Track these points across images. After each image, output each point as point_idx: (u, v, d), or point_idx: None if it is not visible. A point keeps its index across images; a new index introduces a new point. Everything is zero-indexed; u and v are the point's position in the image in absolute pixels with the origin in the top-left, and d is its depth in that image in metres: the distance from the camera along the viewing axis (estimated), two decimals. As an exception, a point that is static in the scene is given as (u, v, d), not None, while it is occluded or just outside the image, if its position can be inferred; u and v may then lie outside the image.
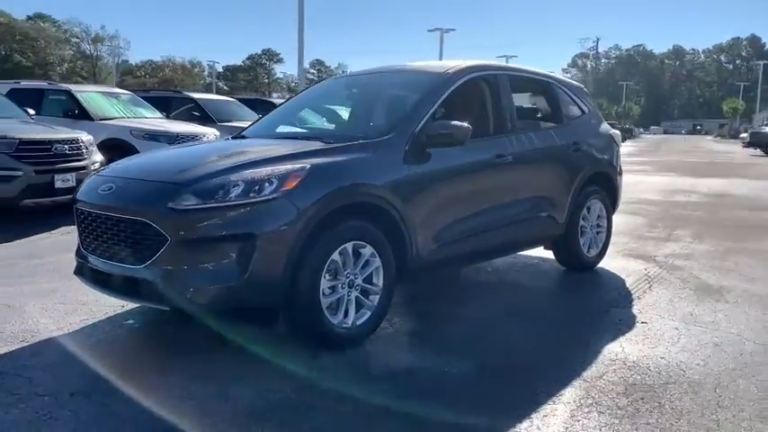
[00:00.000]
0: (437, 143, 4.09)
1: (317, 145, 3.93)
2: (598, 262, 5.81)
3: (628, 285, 5.23)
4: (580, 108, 5.72)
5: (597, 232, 5.76)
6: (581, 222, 5.50)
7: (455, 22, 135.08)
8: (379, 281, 3.83)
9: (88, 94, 10.61)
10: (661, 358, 3.60)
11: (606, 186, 5.81)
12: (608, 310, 4.56)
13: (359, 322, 3.74)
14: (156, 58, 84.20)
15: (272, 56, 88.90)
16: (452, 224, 4.26)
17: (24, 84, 11.39)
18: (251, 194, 3.30)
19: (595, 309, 4.63)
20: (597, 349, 3.72)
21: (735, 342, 3.89)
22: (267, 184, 3.34)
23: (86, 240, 3.73)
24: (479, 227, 4.45)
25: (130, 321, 4.16)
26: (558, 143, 5.23)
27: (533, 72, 5.50)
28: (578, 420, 2.85)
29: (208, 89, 67.43)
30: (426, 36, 76.85)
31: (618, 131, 6.23)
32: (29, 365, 3.40)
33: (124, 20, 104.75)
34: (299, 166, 3.49)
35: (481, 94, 4.79)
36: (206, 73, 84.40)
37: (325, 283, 3.53)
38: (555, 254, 5.62)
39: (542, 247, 5.58)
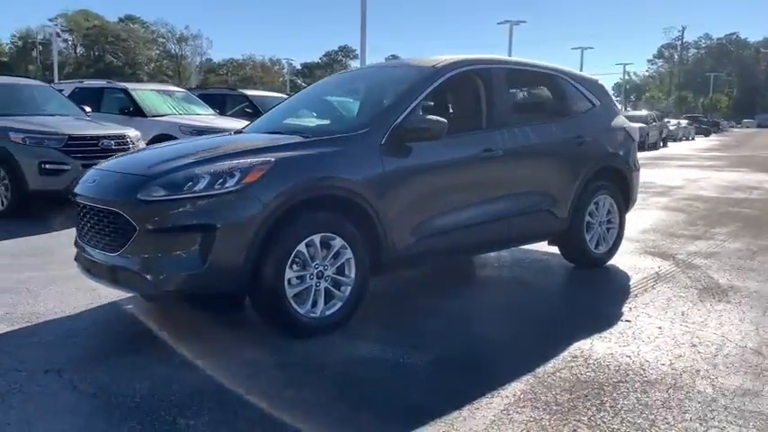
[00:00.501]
0: (415, 137, 4.14)
1: (294, 139, 4.06)
2: (608, 259, 5.68)
3: (631, 283, 5.11)
4: (590, 101, 5.60)
5: (607, 228, 5.63)
6: (587, 218, 5.40)
7: (528, 14, 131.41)
8: (350, 272, 3.92)
9: (144, 93, 11.17)
10: (626, 356, 3.54)
11: (618, 182, 5.67)
12: (596, 307, 4.49)
13: (328, 312, 3.85)
14: (237, 57, 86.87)
15: (348, 52, 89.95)
16: (433, 218, 4.30)
17: (87, 83, 12.13)
18: (215, 187, 3.47)
19: (583, 306, 4.57)
20: (565, 346, 3.69)
21: (715, 343, 3.76)
22: (229, 177, 3.50)
23: (79, 229, 4.01)
24: (464, 221, 4.46)
25: (130, 306, 4.41)
26: (559, 137, 5.16)
27: (535, 65, 5.43)
28: (508, 414, 2.86)
29: (285, 86, 69.11)
30: (498, 30, 75.66)
31: (635, 126, 6.06)
32: (22, 344, 3.70)
33: (207, 20, 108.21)
34: (262, 159, 3.63)
35: (472, 88, 4.79)
36: (285, 70, 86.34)
37: (290, 273, 3.66)
38: (560, 250, 5.54)
39: (546, 243, 5.51)
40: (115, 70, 69.06)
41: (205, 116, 11.43)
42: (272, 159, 3.65)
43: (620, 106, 5.97)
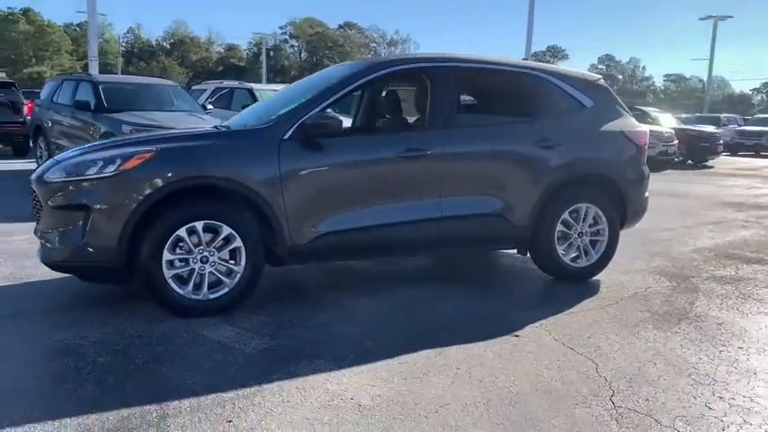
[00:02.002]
0: (315, 134, 4.24)
1: (211, 131, 4.41)
2: (593, 273, 5.20)
3: (586, 300, 4.66)
4: (578, 102, 5.15)
5: (592, 241, 5.15)
6: (559, 227, 5.00)
7: (732, 8, 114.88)
8: (241, 261, 4.14)
9: (264, 92, 12.18)
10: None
11: (608, 190, 5.16)
12: (505, 319, 4.19)
13: (212, 296, 4.11)
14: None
15: (556, 52, 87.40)
16: (339, 215, 4.34)
17: (225, 83, 13.51)
18: (98, 172, 3.91)
19: (493, 313, 4.29)
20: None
21: (540, 364, 3.39)
22: (111, 164, 3.92)
23: None
24: (376, 221, 4.43)
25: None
26: (517, 140, 4.85)
27: (500, 63, 5.08)
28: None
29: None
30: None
31: (642, 129, 5.41)
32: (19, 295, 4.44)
33: (416, 25, 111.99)
34: (145, 149, 4.00)
35: (407, 88, 4.71)
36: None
37: (170, 255, 3.98)
38: (533, 259, 5.19)
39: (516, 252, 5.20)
40: (332, 73, 74.29)
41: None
42: (155, 149, 4.01)
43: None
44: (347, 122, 4.94)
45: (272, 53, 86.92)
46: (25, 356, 3.44)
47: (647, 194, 5.45)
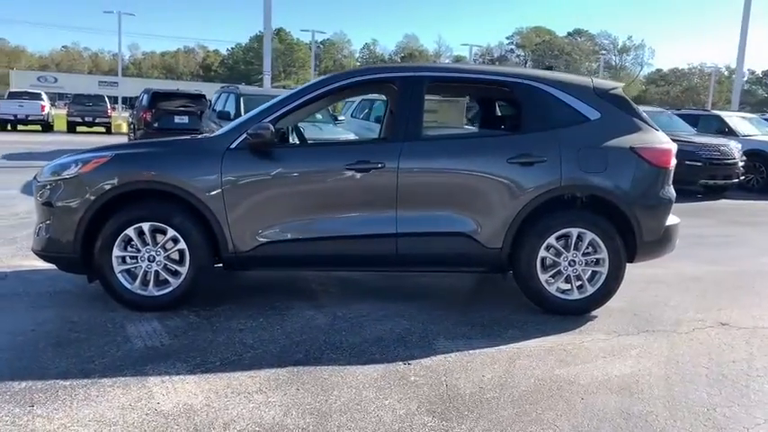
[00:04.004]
0: (255, 144, 4.32)
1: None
2: (587, 308, 4.55)
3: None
4: (578, 113, 4.54)
5: (590, 271, 4.52)
6: (542, 253, 4.47)
7: None
8: (185, 262, 4.38)
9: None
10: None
11: (610, 215, 4.49)
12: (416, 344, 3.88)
13: (158, 293, 4.39)
14: (682, 66, 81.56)
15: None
16: (281, 225, 4.36)
17: (370, 96, 13.90)
18: (64, 174, 4.40)
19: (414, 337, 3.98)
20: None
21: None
22: (75, 166, 4.39)
23: None
24: (323, 233, 4.37)
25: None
26: (490, 154, 4.42)
27: (478, 72, 4.65)
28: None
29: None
30: None
31: (661, 146, 4.56)
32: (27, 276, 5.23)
33: (649, 30, 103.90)
34: (102, 154, 4.41)
35: (370, 98, 4.55)
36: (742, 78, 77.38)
37: (119, 252, 4.34)
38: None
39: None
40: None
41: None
42: (111, 154, 4.40)
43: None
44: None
45: (497, 63, 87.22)
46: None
47: (671, 222, 4.63)
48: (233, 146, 4.39)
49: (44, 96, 28.50)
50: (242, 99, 11.14)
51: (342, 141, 4.65)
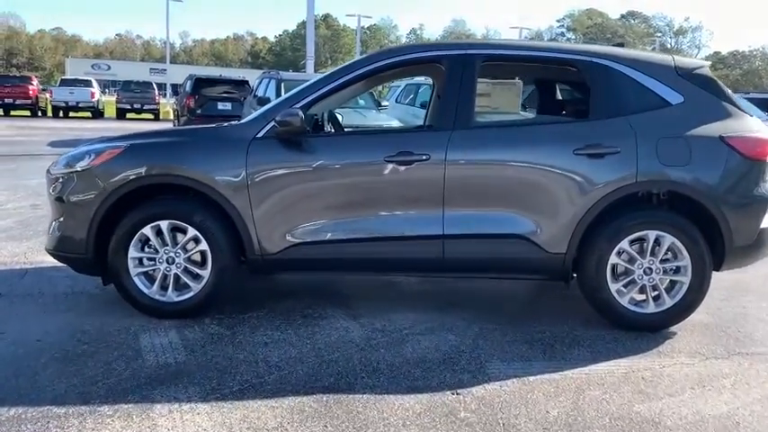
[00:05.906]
0: (284, 132, 3.82)
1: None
2: (664, 324, 3.92)
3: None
4: (658, 97, 3.88)
5: (670, 281, 3.89)
6: (613, 259, 3.86)
7: None
8: (207, 265, 3.93)
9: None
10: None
11: (694, 215, 3.84)
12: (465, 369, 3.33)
13: (177, 299, 3.95)
14: (743, 48, 78.05)
15: None
16: (316, 225, 3.86)
17: (415, 80, 13.30)
18: (75, 166, 3.98)
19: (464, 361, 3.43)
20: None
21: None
22: (87, 158, 3.96)
23: None
24: (362, 233, 3.86)
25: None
26: (550, 144, 3.82)
27: (538, 49, 4.02)
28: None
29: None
30: None
31: (757, 135, 3.87)
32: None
33: (709, 10, 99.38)
34: (116, 144, 3.97)
35: (420, 79, 3.98)
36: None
37: (136, 253, 3.91)
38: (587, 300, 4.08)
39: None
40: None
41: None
42: (126, 144, 3.95)
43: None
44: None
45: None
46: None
47: (766, 223, 3.95)
48: (259, 135, 3.90)
49: (94, 83, 28.81)
50: (283, 85, 10.70)
51: (382, 130, 4.11)
